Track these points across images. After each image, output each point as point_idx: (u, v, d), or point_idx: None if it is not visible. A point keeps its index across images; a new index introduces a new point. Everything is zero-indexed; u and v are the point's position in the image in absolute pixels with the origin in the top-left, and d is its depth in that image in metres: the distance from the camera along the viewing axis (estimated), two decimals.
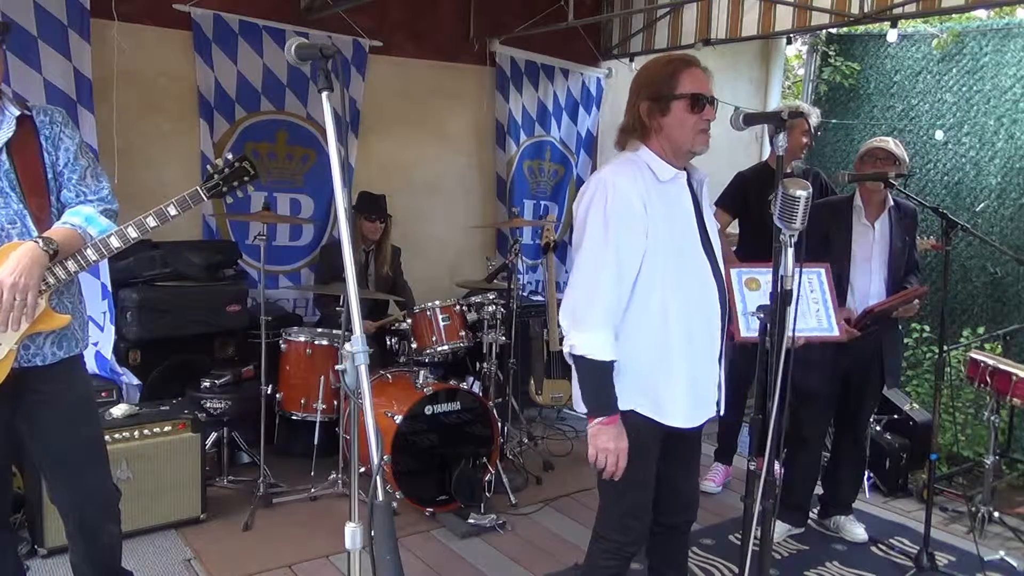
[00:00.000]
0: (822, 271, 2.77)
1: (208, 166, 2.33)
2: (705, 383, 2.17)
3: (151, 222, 2.18)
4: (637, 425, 2.11)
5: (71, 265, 2.11)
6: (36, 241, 2.01)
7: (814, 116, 3.96)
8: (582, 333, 2.05)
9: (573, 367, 2.12)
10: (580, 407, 2.21)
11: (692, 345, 2.11)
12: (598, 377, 2.06)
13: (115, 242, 2.14)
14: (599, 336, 2.04)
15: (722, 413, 2.28)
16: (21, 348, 2.08)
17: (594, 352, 2.04)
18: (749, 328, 2.47)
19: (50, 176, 2.15)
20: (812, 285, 2.75)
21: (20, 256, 1.97)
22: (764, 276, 2.50)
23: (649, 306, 2.09)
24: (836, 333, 2.72)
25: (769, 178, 3.61)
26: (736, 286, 2.55)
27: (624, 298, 2.07)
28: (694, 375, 2.13)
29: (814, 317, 2.72)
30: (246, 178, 2.33)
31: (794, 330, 2.02)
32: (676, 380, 2.11)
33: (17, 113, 2.10)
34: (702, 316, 2.13)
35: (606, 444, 2.05)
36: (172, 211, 2.20)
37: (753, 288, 2.55)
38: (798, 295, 2.63)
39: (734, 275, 2.55)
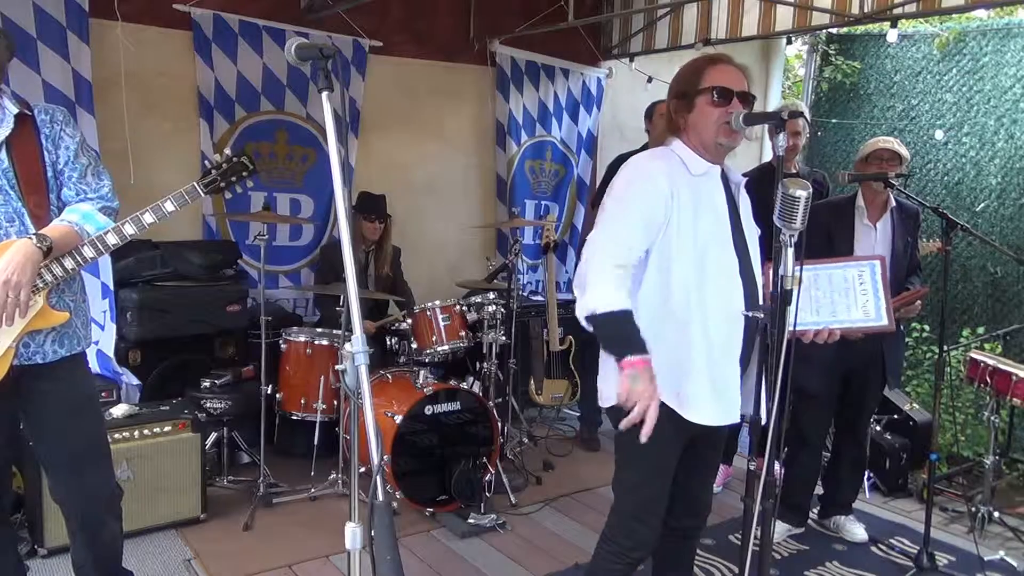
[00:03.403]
0: (876, 263, 2.70)
1: (206, 161, 2.33)
2: (725, 383, 2.13)
3: (148, 218, 2.18)
4: (661, 417, 2.02)
5: (68, 262, 2.10)
6: (30, 238, 2.01)
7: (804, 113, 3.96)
8: (589, 290, 1.99)
9: (594, 332, 2.01)
10: (604, 402, 2.17)
11: (708, 342, 2.09)
12: (617, 325, 1.96)
13: (112, 239, 2.14)
14: (606, 288, 1.97)
15: (761, 418, 2.18)
16: (21, 346, 2.08)
17: (602, 303, 1.95)
18: None
19: (50, 175, 2.15)
20: (863, 277, 2.70)
21: (13, 253, 1.97)
22: (807, 272, 2.41)
23: (672, 298, 2.08)
24: (884, 322, 2.63)
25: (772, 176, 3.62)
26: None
27: (632, 264, 2.02)
28: (713, 373, 2.10)
29: (860, 309, 2.68)
30: (244, 173, 2.32)
31: (795, 325, 2.00)
32: (698, 375, 2.08)
33: (16, 111, 2.10)
34: (722, 314, 2.10)
35: (641, 386, 1.90)
36: (169, 207, 2.20)
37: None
38: (844, 287, 2.62)
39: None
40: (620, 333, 1.97)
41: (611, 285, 1.97)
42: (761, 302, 2.19)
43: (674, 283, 2.07)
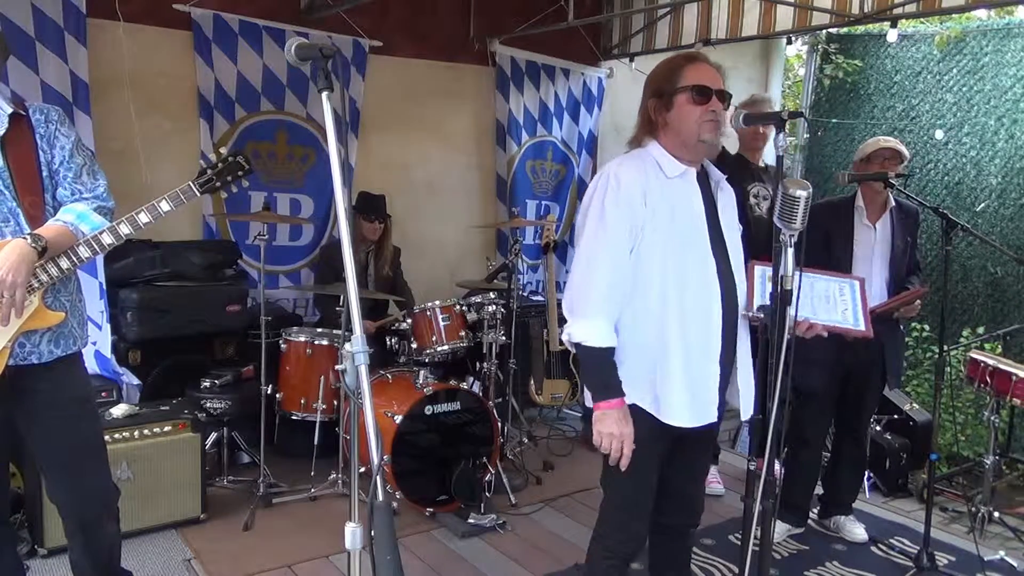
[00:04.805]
0: (856, 283, 2.73)
1: (202, 161, 2.32)
2: (702, 383, 2.15)
3: (143, 218, 2.17)
4: (640, 421, 2.11)
5: (64, 262, 2.10)
6: (25, 238, 2.00)
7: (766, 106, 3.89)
8: (578, 321, 2.10)
9: (578, 358, 2.16)
10: (588, 401, 2.22)
11: (686, 343, 2.11)
12: (598, 363, 2.09)
13: (107, 239, 2.14)
14: (595, 323, 2.07)
15: (746, 417, 2.24)
16: (16, 346, 2.08)
17: (590, 339, 2.07)
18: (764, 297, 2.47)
19: (45, 174, 2.14)
20: (844, 292, 2.73)
21: (7, 253, 1.97)
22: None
23: (648, 301, 2.10)
24: (863, 329, 2.67)
25: (742, 167, 3.64)
26: (759, 279, 2.54)
27: (621, 287, 2.09)
28: (690, 374, 2.12)
29: (839, 314, 2.70)
30: (240, 172, 2.32)
31: (795, 312, 2.01)
32: (673, 377, 2.11)
33: (10, 111, 2.09)
34: (699, 315, 2.12)
35: (610, 428, 2.04)
36: (164, 207, 2.19)
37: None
38: (825, 295, 2.64)
39: (757, 271, 2.54)
40: (599, 370, 2.09)
41: (598, 319, 2.07)
42: (743, 301, 2.23)
43: (650, 287, 2.10)
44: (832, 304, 2.69)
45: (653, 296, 2.09)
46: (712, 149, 2.19)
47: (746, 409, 2.25)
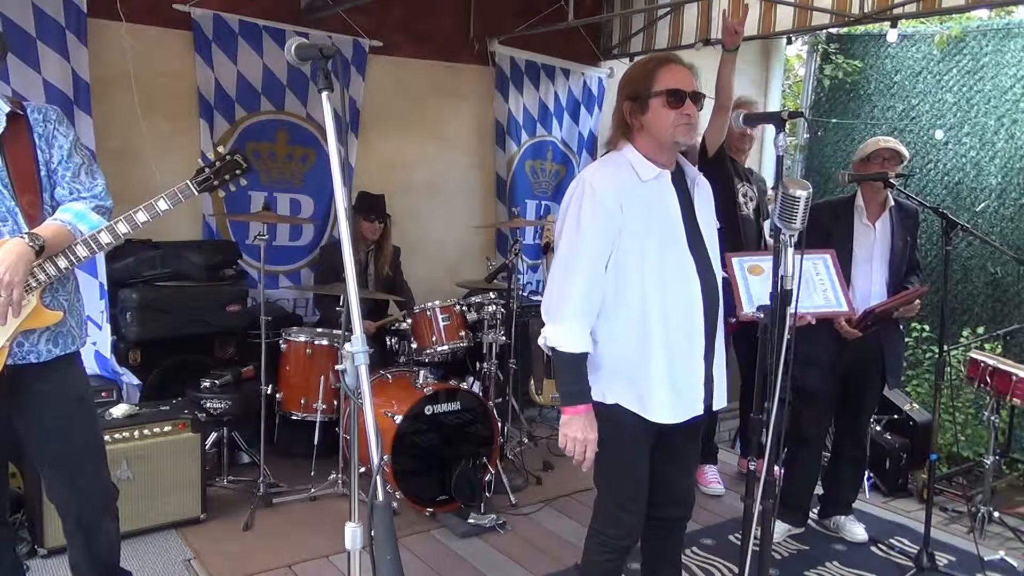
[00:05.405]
0: (827, 257, 2.82)
1: (200, 159, 2.33)
2: (687, 379, 2.17)
3: (141, 217, 2.18)
4: (625, 419, 2.15)
5: (61, 262, 2.10)
6: (22, 237, 2.00)
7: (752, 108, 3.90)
8: (554, 325, 2.13)
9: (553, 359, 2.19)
10: None
11: (669, 341, 2.13)
12: (570, 368, 2.13)
13: (105, 238, 2.14)
14: (569, 328, 2.10)
15: (715, 408, 2.29)
16: (15, 345, 2.08)
17: (564, 344, 2.10)
18: (751, 304, 2.50)
19: (43, 174, 2.14)
20: (818, 269, 2.80)
21: (5, 252, 1.97)
22: (765, 262, 2.52)
23: (628, 303, 2.12)
24: (844, 308, 2.75)
25: (732, 163, 3.69)
26: (739, 273, 2.57)
27: (598, 293, 2.11)
28: (673, 371, 2.14)
29: (821, 296, 2.75)
30: (238, 171, 2.32)
31: (795, 308, 2.03)
32: (656, 376, 2.13)
33: (8, 110, 2.09)
34: (681, 313, 2.14)
35: (575, 433, 2.11)
36: (162, 205, 2.20)
37: (757, 273, 2.58)
38: (802, 277, 2.71)
39: (735, 264, 2.56)
40: (570, 375, 2.13)
41: (574, 324, 2.11)
42: (722, 296, 2.25)
43: (630, 290, 2.12)
44: (812, 286, 2.75)
45: (633, 299, 2.12)
46: (690, 148, 2.21)
47: (719, 400, 2.28)
